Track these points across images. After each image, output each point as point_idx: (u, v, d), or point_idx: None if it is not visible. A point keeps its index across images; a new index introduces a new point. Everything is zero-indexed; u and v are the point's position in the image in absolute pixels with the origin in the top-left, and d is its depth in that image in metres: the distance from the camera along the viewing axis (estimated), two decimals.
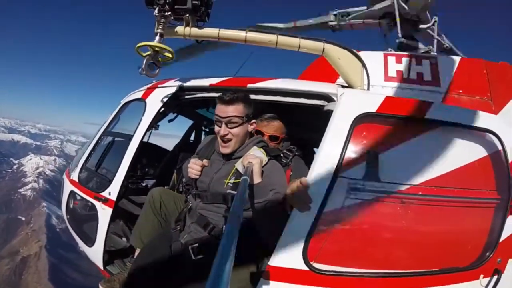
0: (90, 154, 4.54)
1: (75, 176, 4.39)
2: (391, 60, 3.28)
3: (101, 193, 3.70)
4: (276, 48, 3.04)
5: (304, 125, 4.20)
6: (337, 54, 2.93)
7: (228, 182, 2.69)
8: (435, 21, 4.54)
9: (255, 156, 2.62)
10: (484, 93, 3.07)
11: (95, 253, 3.73)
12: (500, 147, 2.54)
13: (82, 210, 4.33)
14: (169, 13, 2.90)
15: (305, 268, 2.28)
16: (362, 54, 3.19)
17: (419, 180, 2.45)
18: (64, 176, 4.98)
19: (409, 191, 2.43)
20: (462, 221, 2.59)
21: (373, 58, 3.26)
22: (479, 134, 2.61)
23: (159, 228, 3.28)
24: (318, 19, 5.31)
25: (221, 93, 2.82)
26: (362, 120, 2.52)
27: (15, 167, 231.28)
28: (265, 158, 2.71)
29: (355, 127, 2.49)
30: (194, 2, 2.85)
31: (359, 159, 2.46)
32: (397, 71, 3.21)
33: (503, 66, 3.36)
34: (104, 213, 3.63)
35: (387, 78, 3.19)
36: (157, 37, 2.98)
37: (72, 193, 4.39)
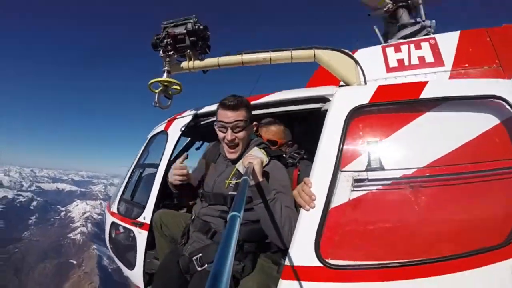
0: (126, 186, 5.00)
1: (114, 208, 4.85)
2: (390, 51, 3.36)
3: (137, 219, 4.03)
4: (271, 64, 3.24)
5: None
6: (327, 57, 3.03)
7: (229, 183, 2.80)
8: None
9: (256, 156, 2.67)
10: (492, 61, 3.02)
11: (136, 275, 3.95)
12: (511, 111, 2.41)
13: (122, 238, 4.60)
14: (172, 52, 3.32)
15: (319, 264, 2.29)
16: (360, 52, 3.43)
17: (428, 161, 2.38)
18: (106, 210, 5.44)
19: (417, 173, 2.35)
20: (484, 196, 2.37)
21: (371, 53, 3.40)
22: (485, 103, 2.50)
23: (166, 247, 3.59)
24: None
25: (222, 100, 2.93)
26: (356, 113, 2.59)
27: (62, 214, 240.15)
28: (265, 159, 2.77)
29: (351, 121, 2.56)
30: (191, 39, 3.25)
31: (359, 150, 2.50)
32: (398, 60, 3.27)
33: (506, 28, 3.28)
34: (141, 237, 3.91)
35: (389, 69, 3.26)
36: (165, 74, 3.38)
37: (113, 224, 4.78)
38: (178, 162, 3.09)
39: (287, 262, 2.34)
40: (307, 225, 2.38)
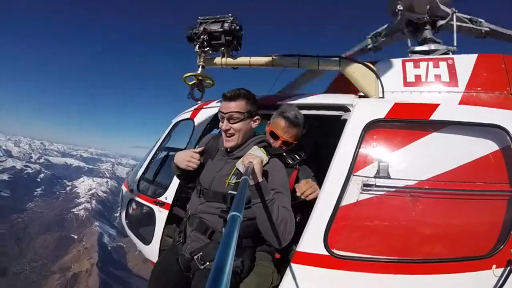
0: (147, 167, 5.28)
1: (134, 186, 5.15)
2: (409, 65, 3.43)
3: (159, 198, 4.33)
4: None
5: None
6: (351, 69, 3.32)
7: (229, 182, 2.84)
8: (453, 13, 4.57)
9: (256, 155, 2.71)
10: (503, 88, 3.15)
11: (152, 250, 4.21)
12: (510, 141, 2.69)
13: (140, 215, 4.92)
14: (208, 48, 3.54)
15: (326, 253, 2.67)
16: (381, 63, 3.54)
17: (428, 175, 2.74)
18: (123, 187, 5.71)
19: (418, 185, 2.72)
20: (474, 213, 2.75)
21: (391, 66, 3.51)
22: (487, 130, 2.79)
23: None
24: (358, 45, 5.67)
25: (223, 92, 3.05)
26: (372, 126, 2.93)
27: (68, 188, 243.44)
28: (265, 158, 2.82)
29: (367, 132, 2.90)
30: (227, 38, 3.45)
31: (370, 159, 2.85)
32: (415, 75, 3.37)
33: None
34: (161, 215, 4.22)
35: (406, 84, 3.38)
36: (200, 69, 3.62)
37: (131, 201, 5.10)
38: (194, 151, 3.15)
39: (298, 248, 2.76)
40: (319, 218, 2.77)
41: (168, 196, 4.23)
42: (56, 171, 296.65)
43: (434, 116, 2.86)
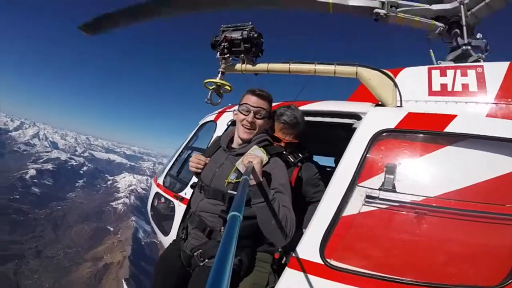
0: (173, 164, 5.69)
1: (160, 180, 5.56)
2: (435, 73, 3.28)
3: (179, 193, 4.62)
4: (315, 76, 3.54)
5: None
6: (368, 76, 3.23)
7: (228, 182, 2.86)
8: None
9: (256, 155, 2.70)
10: None
11: (169, 241, 4.30)
12: None
13: (163, 207, 5.22)
14: (228, 55, 3.71)
15: (321, 262, 2.61)
16: (405, 70, 3.44)
17: (437, 192, 2.55)
18: (152, 181, 6.14)
19: (425, 202, 2.55)
20: (486, 238, 2.51)
21: (417, 73, 3.37)
22: (510, 146, 2.58)
23: None
24: (362, 1, 4.74)
25: (252, 88, 3.13)
26: (381, 136, 2.82)
27: (109, 182, 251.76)
28: (265, 157, 2.80)
29: (375, 142, 2.81)
30: (245, 45, 3.58)
31: (376, 170, 2.74)
32: (441, 84, 3.21)
33: None
34: (180, 209, 4.44)
35: (431, 93, 3.22)
36: (219, 75, 3.79)
37: (157, 194, 5.46)
38: (200, 155, 3.27)
39: (294, 254, 2.73)
40: (318, 225, 2.72)
41: (188, 192, 4.42)
42: (99, 165, 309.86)
43: (450, 128, 2.68)
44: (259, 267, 3.10)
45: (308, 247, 2.72)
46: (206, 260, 2.87)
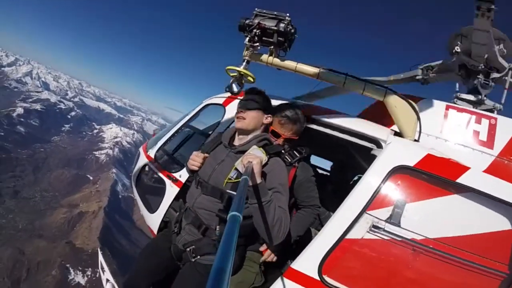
0: (169, 139, 5.29)
1: (152, 153, 5.19)
2: (452, 113, 3.38)
3: (173, 174, 4.45)
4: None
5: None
6: (394, 103, 3.22)
7: (227, 181, 2.87)
8: (510, 69, 4.26)
9: (255, 155, 2.74)
10: None
11: (154, 219, 4.40)
12: None
13: (151, 182, 5.10)
14: (257, 44, 3.47)
15: (317, 278, 2.77)
16: (424, 101, 3.50)
17: (436, 235, 2.75)
18: (141, 150, 5.72)
19: (423, 242, 2.73)
20: (465, 285, 2.77)
21: (434, 107, 3.46)
22: (508, 209, 2.75)
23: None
24: (408, 73, 5.49)
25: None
26: (399, 171, 2.92)
27: (95, 131, 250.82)
28: (264, 157, 2.83)
29: (392, 175, 2.90)
30: (279, 38, 3.37)
31: (387, 202, 2.87)
32: (455, 125, 3.32)
33: None
34: (172, 190, 4.33)
35: (443, 130, 3.32)
36: (244, 63, 3.58)
37: (146, 166, 5.23)
38: (199, 154, 3.22)
39: (292, 265, 2.88)
40: (322, 242, 2.84)
41: (183, 175, 4.31)
42: (87, 112, 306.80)
43: (461, 179, 2.80)
44: (248, 266, 3.20)
45: (308, 262, 2.86)
46: (199, 257, 2.90)
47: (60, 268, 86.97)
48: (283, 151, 3.32)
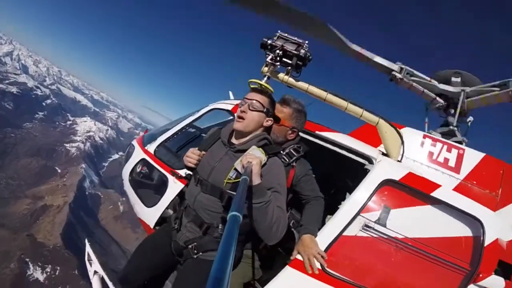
0: (171, 136, 5.41)
1: (151, 148, 5.27)
2: (428, 142, 3.99)
3: (177, 170, 4.58)
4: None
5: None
6: (385, 129, 3.70)
7: (227, 181, 2.88)
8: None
9: (255, 156, 2.78)
10: (494, 189, 3.67)
11: (151, 214, 4.51)
12: (481, 234, 3.21)
13: (149, 176, 5.06)
14: (278, 63, 3.70)
15: (319, 266, 3.21)
16: (406, 129, 4.08)
17: (413, 235, 3.31)
18: (136, 144, 5.69)
19: (404, 240, 3.30)
20: (434, 276, 3.30)
21: (414, 135, 4.06)
22: (469, 219, 3.32)
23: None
24: (385, 62, 5.47)
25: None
26: (387, 183, 3.48)
27: (69, 122, 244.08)
28: (264, 158, 2.86)
29: (381, 186, 3.46)
30: (298, 62, 3.65)
31: (377, 207, 3.42)
32: (429, 152, 3.91)
33: None
34: (175, 187, 4.44)
35: (419, 156, 3.92)
36: (265, 78, 3.77)
37: (143, 160, 5.23)
38: (196, 151, 3.25)
39: (298, 256, 3.28)
40: (323, 237, 3.32)
41: (188, 172, 4.37)
42: (63, 102, 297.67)
43: (434, 193, 3.38)
44: (246, 261, 3.55)
45: None
46: (201, 253, 2.97)
47: (19, 262, 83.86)
48: (281, 151, 3.48)
